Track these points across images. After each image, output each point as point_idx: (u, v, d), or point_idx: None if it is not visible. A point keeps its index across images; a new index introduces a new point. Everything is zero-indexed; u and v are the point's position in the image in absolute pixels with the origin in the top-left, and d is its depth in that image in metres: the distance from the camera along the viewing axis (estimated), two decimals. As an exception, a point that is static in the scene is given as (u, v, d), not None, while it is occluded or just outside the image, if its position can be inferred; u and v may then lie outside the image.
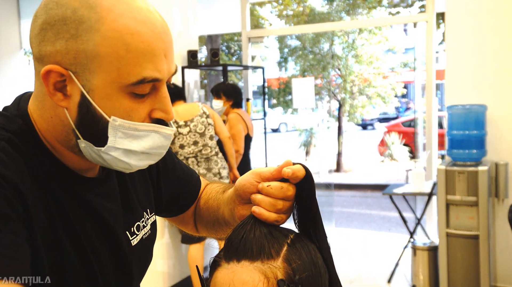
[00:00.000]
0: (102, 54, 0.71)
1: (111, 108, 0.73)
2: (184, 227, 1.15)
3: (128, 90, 0.73)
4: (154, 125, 0.77)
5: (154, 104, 0.77)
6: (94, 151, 0.76)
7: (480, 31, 3.59)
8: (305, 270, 0.71)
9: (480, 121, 3.45)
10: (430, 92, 4.26)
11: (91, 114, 0.74)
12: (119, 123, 0.74)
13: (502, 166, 3.47)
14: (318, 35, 10.77)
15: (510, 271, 3.58)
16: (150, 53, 0.73)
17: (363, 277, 4.16)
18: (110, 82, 0.72)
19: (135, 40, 0.72)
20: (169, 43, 0.77)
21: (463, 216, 3.35)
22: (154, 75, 0.74)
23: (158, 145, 0.79)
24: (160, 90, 0.77)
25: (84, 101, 0.73)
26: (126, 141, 0.75)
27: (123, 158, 0.77)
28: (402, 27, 13.56)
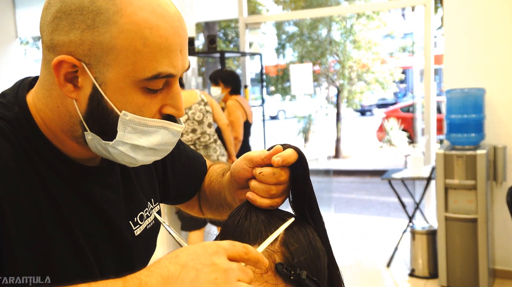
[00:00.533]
0: (118, 47, 0.69)
1: (123, 102, 0.72)
2: (190, 210, 1.15)
3: (142, 85, 0.72)
4: (164, 122, 0.76)
5: (165, 100, 0.76)
6: (101, 144, 0.75)
7: (478, 15, 3.57)
8: (303, 253, 0.71)
9: (479, 105, 3.45)
10: (429, 77, 4.25)
11: (102, 108, 0.72)
12: (129, 118, 0.73)
13: (500, 149, 3.47)
14: (316, 21, 10.71)
15: (508, 254, 3.61)
16: (167, 48, 0.71)
17: (362, 262, 4.19)
18: (124, 76, 0.71)
19: (154, 34, 0.70)
20: (185, 38, 0.75)
21: (462, 200, 3.37)
22: (169, 70, 0.72)
23: (166, 142, 0.78)
24: (173, 86, 0.75)
25: (95, 93, 0.72)
26: (134, 136, 0.74)
27: (130, 153, 0.76)
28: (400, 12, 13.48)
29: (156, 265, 0.60)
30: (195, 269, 0.58)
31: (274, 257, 0.69)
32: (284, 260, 0.69)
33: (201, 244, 0.62)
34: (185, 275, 0.58)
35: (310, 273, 0.70)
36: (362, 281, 3.83)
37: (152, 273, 0.59)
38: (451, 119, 3.50)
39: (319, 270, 0.73)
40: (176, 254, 0.61)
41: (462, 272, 3.38)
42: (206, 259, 0.59)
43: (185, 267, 0.59)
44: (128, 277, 0.60)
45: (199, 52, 4.72)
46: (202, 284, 0.57)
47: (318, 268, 0.73)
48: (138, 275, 0.60)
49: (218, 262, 0.59)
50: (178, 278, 0.58)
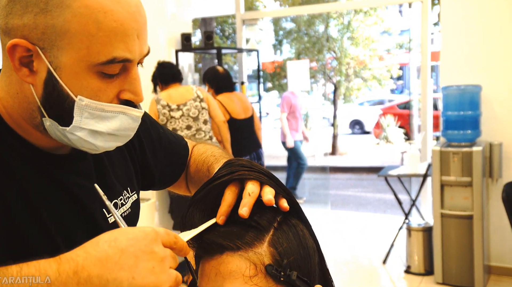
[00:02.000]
0: (72, 31, 0.69)
1: (78, 87, 0.71)
2: (177, 190, 1.15)
3: (97, 70, 0.71)
4: (122, 107, 0.75)
5: (123, 85, 0.75)
6: (59, 130, 0.74)
7: (475, 12, 3.56)
8: (293, 253, 0.69)
9: (475, 102, 3.45)
10: (425, 73, 4.25)
11: (57, 92, 0.72)
12: (85, 103, 0.72)
13: (496, 146, 3.48)
14: (313, 17, 10.69)
15: (503, 251, 3.62)
16: (122, 33, 0.71)
17: (358, 259, 4.19)
18: (78, 60, 0.70)
19: (108, 18, 0.69)
20: (142, 24, 0.74)
21: (458, 197, 3.37)
22: (125, 55, 0.71)
23: (126, 127, 0.77)
24: (130, 71, 0.75)
25: (50, 78, 0.71)
26: (92, 121, 0.74)
27: (89, 138, 0.75)
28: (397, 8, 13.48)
29: (93, 247, 0.60)
30: (135, 256, 0.59)
31: (263, 259, 0.68)
32: (273, 262, 0.68)
33: (141, 229, 0.62)
34: (124, 261, 0.59)
35: (300, 272, 0.68)
36: (358, 277, 3.84)
37: (89, 255, 0.59)
38: (448, 116, 3.50)
39: (309, 269, 0.71)
40: (115, 237, 0.61)
41: (458, 268, 3.39)
42: (146, 246, 0.60)
43: (124, 253, 0.59)
44: (63, 259, 0.60)
45: (195, 48, 4.70)
46: (141, 271, 0.59)
47: (309, 267, 0.71)
48: (75, 257, 0.60)
49: (156, 250, 0.61)
50: (117, 263, 0.59)
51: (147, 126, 1.02)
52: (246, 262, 0.67)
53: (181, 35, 4.37)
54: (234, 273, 0.67)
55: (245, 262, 0.67)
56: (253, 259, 0.68)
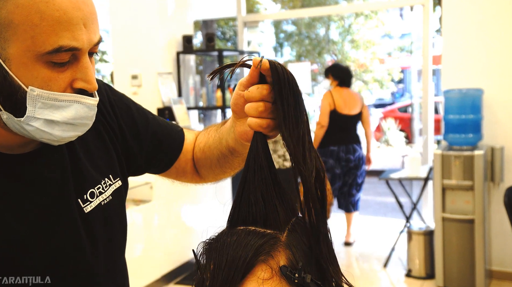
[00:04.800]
0: (15, 22, 0.70)
1: (28, 77, 0.73)
2: (184, 178, 1.14)
3: (45, 59, 0.72)
4: (76, 95, 0.76)
5: (75, 74, 0.76)
6: (16, 122, 0.75)
7: (476, 15, 3.56)
8: (307, 255, 0.69)
9: (476, 105, 3.44)
10: (427, 77, 4.25)
11: (9, 84, 0.73)
12: (37, 93, 0.73)
13: (498, 150, 3.47)
14: (314, 20, 10.70)
15: (504, 255, 3.61)
16: (66, 22, 0.71)
17: (359, 262, 4.18)
18: (25, 50, 0.71)
19: (50, 8, 0.70)
20: (88, 13, 0.75)
21: (459, 201, 3.36)
22: (72, 44, 0.72)
23: (82, 116, 0.78)
24: (81, 59, 0.76)
25: (0, 70, 0.72)
26: (46, 111, 0.75)
27: (45, 128, 0.76)
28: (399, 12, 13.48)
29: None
30: None
31: (278, 260, 0.67)
32: (288, 263, 0.67)
33: None
34: None
35: (314, 276, 0.68)
36: (359, 281, 3.83)
37: None
38: (449, 119, 3.49)
39: None
40: None
41: (459, 272, 3.38)
42: None
43: None
44: None
45: (197, 50, 4.70)
46: None
47: None
48: None
49: None
50: None
51: (131, 112, 1.03)
52: (263, 266, 0.67)
53: (182, 37, 4.37)
54: (250, 277, 0.67)
55: (261, 266, 0.67)
56: (269, 263, 0.67)
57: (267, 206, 0.72)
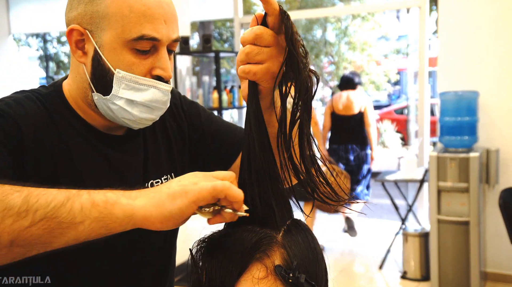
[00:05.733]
0: (110, 13, 0.85)
1: (116, 61, 0.86)
2: None
3: (131, 46, 0.85)
4: (154, 81, 0.88)
5: (154, 63, 0.88)
6: (104, 101, 0.88)
7: (472, 17, 3.57)
8: (302, 256, 0.70)
9: (472, 108, 3.46)
10: (423, 79, 4.26)
11: (101, 67, 0.87)
12: (122, 75, 0.86)
13: (493, 152, 3.48)
14: (311, 22, 10.72)
15: (500, 257, 3.62)
16: (150, 15, 0.85)
17: (354, 264, 4.19)
18: (116, 37, 0.85)
19: (138, 3, 0.84)
20: (169, 12, 0.88)
21: (454, 203, 3.37)
22: (153, 34, 0.85)
23: (157, 99, 0.89)
24: (160, 50, 0.88)
25: (96, 55, 0.87)
26: (128, 92, 0.87)
27: (127, 107, 0.87)
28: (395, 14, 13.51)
29: None
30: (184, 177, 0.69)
31: (273, 259, 0.68)
32: (283, 263, 0.68)
33: None
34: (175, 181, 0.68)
35: (308, 276, 0.68)
36: (354, 283, 3.83)
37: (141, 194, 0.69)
38: (445, 122, 3.50)
39: (317, 273, 0.72)
40: None
41: (454, 274, 3.38)
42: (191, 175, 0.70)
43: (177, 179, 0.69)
44: None
45: (193, 52, 4.70)
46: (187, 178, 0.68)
47: (317, 271, 0.72)
48: None
49: None
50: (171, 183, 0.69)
51: (200, 117, 1.09)
52: (258, 264, 0.68)
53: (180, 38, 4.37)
54: (245, 276, 0.67)
55: (256, 265, 0.68)
56: (265, 262, 0.67)
57: (264, 206, 0.72)
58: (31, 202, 0.62)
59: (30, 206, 0.62)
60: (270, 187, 0.72)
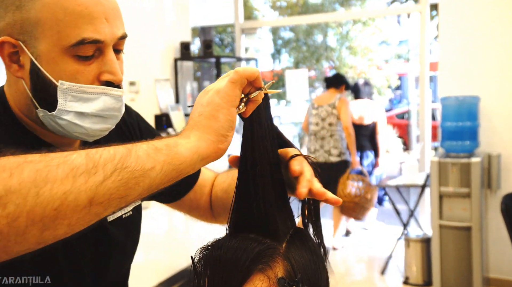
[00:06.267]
0: (43, 19, 0.75)
1: (57, 71, 0.77)
2: (196, 213, 1.13)
3: (71, 53, 0.76)
4: (103, 87, 0.80)
5: (101, 67, 0.80)
6: (51, 118, 0.79)
7: (473, 22, 3.58)
8: (305, 267, 0.70)
9: (473, 113, 3.45)
10: (424, 84, 4.26)
11: (41, 80, 0.77)
12: (66, 86, 0.77)
13: (494, 157, 3.47)
14: (312, 27, 10.73)
15: (502, 262, 3.61)
16: (88, 16, 0.76)
17: (356, 269, 4.17)
18: (52, 45, 0.76)
19: (72, 3, 0.75)
20: (110, 8, 0.79)
21: (456, 208, 3.36)
22: (94, 36, 0.76)
23: (110, 107, 0.81)
24: (105, 53, 0.79)
25: (34, 68, 0.77)
26: (76, 104, 0.78)
27: (77, 121, 0.79)
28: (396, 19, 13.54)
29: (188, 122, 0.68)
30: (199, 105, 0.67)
31: (276, 273, 0.67)
32: (286, 275, 0.67)
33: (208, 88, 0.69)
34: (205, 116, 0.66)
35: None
36: (356, 288, 3.81)
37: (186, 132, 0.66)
38: (446, 127, 3.50)
39: (320, 284, 0.71)
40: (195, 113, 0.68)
41: (456, 280, 3.37)
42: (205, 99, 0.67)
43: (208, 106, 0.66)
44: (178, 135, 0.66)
45: (194, 57, 4.71)
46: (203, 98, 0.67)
47: (319, 283, 0.71)
48: None
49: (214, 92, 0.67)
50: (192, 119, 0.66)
51: None
52: (261, 275, 0.67)
53: (180, 44, 4.38)
54: (246, 284, 0.67)
55: (259, 276, 0.67)
56: (267, 273, 0.67)
57: (266, 216, 0.71)
58: (95, 158, 0.57)
59: (96, 162, 0.57)
60: (273, 196, 0.72)
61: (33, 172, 0.54)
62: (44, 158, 0.56)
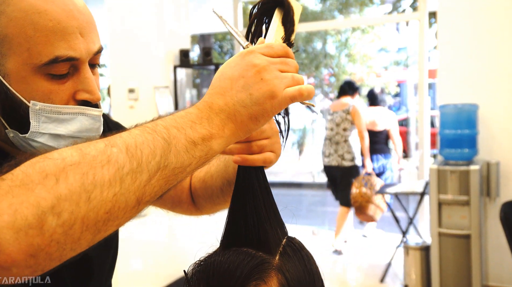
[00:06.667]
0: (10, 35, 0.69)
1: (29, 91, 0.71)
2: (179, 209, 1.11)
3: (44, 72, 0.71)
4: (79, 107, 0.74)
5: (76, 86, 0.74)
6: (22, 139, 0.74)
7: (472, 30, 3.59)
8: (299, 279, 0.69)
9: (472, 120, 3.46)
10: (422, 91, 4.26)
11: (10, 100, 0.71)
12: (39, 107, 0.71)
13: (493, 165, 3.47)
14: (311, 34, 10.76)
15: (501, 270, 3.59)
16: (61, 31, 0.70)
17: (355, 277, 4.16)
18: (22, 64, 0.70)
19: (43, 18, 0.69)
20: (85, 22, 0.73)
21: (455, 216, 3.35)
22: (69, 53, 0.71)
23: (87, 128, 0.76)
24: (81, 70, 0.74)
25: (1, 87, 0.71)
26: (51, 125, 0.73)
27: (51, 143, 0.74)
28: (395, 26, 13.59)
29: (210, 88, 0.65)
30: (242, 77, 0.63)
31: (270, 285, 0.67)
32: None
33: (239, 53, 0.66)
34: (236, 85, 0.63)
35: None
36: (355, 296, 3.80)
37: (211, 95, 0.64)
38: (445, 134, 3.50)
39: None
40: (221, 72, 0.66)
41: (456, 288, 3.36)
42: (247, 64, 0.64)
43: (233, 79, 0.64)
44: (198, 104, 0.65)
45: (194, 64, 4.72)
46: (253, 85, 0.63)
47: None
48: (204, 99, 0.65)
49: (257, 62, 0.64)
50: (232, 89, 0.63)
51: None
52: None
53: (180, 51, 4.39)
54: None
55: None
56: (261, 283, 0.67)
57: (258, 228, 0.71)
58: (138, 156, 0.56)
59: (139, 160, 0.56)
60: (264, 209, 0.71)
61: (80, 176, 0.52)
62: (84, 157, 0.53)
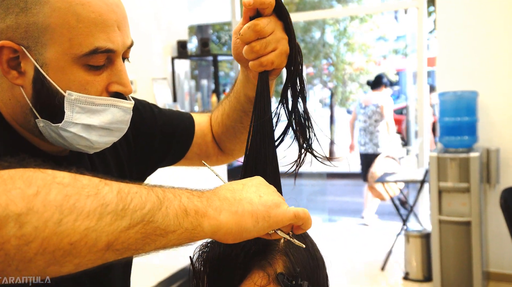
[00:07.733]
0: (52, 25, 0.70)
1: (65, 81, 0.72)
2: (209, 162, 1.10)
3: (82, 62, 0.72)
4: (112, 99, 0.75)
5: (110, 78, 0.75)
6: (53, 129, 0.74)
7: (471, 17, 3.57)
8: (304, 263, 0.70)
9: (472, 108, 3.45)
10: (422, 79, 4.25)
11: (46, 89, 0.72)
12: (75, 97, 0.72)
13: (493, 152, 3.47)
14: (309, 24, 10.72)
15: (502, 257, 3.61)
16: (102, 23, 0.72)
17: (356, 265, 4.17)
18: (62, 54, 0.71)
19: (86, 10, 0.70)
20: (122, 16, 0.76)
21: (455, 203, 3.36)
22: (108, 45, 0.72)
23: (118, 120, 0.77)
24: (115, 62, 0.76)
25: (38, 76, 0.72)
26: (84, 116, 0.74)
27: (83, 133, 0.74)
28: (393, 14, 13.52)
29: (219, 188, 0.64)
30: (255, 186, 0.65)
31: (275, 267, 0.67)
32: (285, 270, 0.68)
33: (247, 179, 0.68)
34: (248, 188, 0.64)
35: (310, 283, 0.68)
36: (356, 284, 3.82)
37: (220, 188, 0.64)
38: (444, 122, 3.50)
39: (319, 280, 0.72)
40: (230, 183, 0.66)
41: (456, 275, 3.37)
42: (259, 182, 0.66)
43: (245, 185, 0.65)
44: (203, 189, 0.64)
45: (191, 55, 4.70)
46: (265, 191, 0.64)
47: (318, 279, 0.72)
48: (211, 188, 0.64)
49: None
50: (243, 190, 0.64)
51: (139, 112, 1.00)
52: (260, 272, 0.67)
53: (177, 42, 4.37)
54: (247, 283, 0.67)
55: (258, 272, 0.67)
56: (267, 269, 0.67)
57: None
58: (127, 201, 0.53)
59: (126, 205, 0.53)
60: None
61: (61, 196, 0.50)
62: (74, 182, 0.52)
